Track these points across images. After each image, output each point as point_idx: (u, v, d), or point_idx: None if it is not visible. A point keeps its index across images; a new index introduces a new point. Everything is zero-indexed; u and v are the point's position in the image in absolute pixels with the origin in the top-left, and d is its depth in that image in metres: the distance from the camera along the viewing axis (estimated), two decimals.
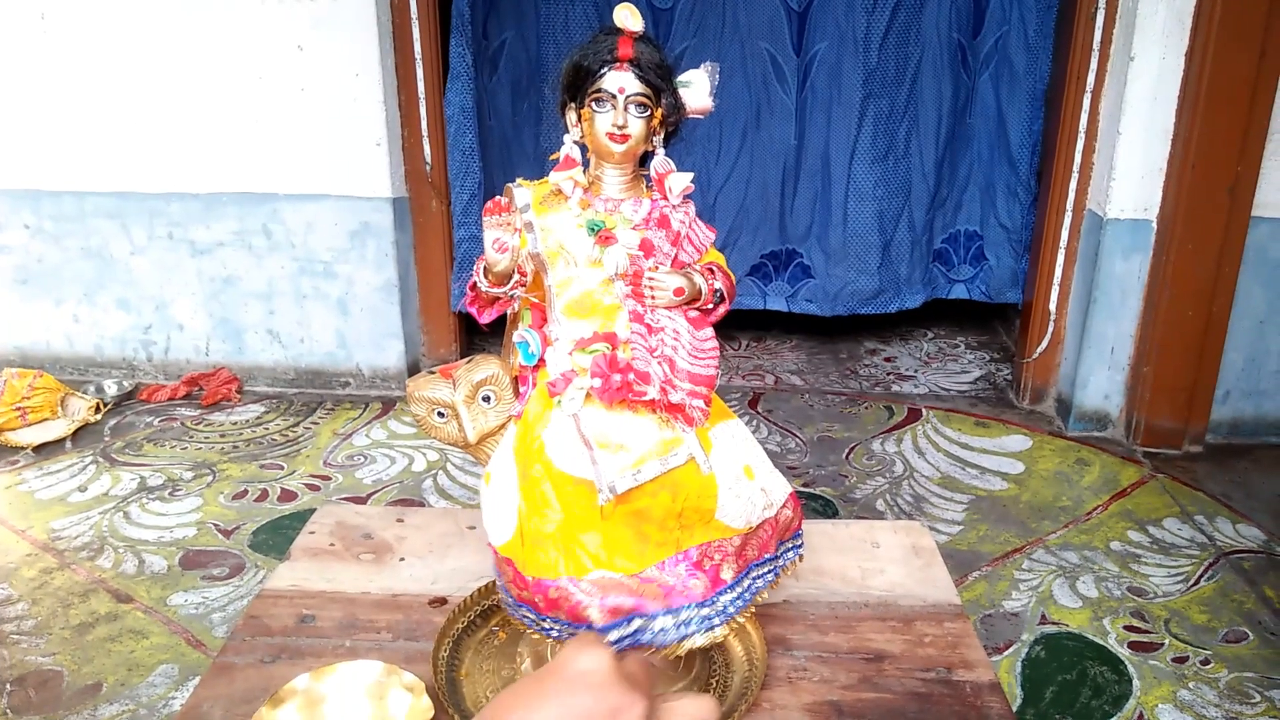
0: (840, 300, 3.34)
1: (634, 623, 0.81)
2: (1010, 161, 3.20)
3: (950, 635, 1.02)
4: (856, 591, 1.10)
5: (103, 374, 3.18)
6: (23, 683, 1.77)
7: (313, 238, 2.97)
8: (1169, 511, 2.42)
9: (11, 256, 3.10)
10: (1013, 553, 2.23)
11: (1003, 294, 3.33)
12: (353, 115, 2.84)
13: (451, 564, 1.17)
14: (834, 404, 3.05)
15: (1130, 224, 2.67)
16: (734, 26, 3.16)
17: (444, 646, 0.99)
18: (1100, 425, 2.85)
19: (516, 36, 3.16)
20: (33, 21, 2.85)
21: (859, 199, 3.23)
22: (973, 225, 3.39)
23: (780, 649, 0.99)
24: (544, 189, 0.86)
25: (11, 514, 2.36)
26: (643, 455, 0.82)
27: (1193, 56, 2.49)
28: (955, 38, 3.14)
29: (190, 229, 3.01)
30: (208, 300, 3.08)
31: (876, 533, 1.22)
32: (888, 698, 0.93)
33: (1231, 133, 2.50)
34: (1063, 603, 2.04)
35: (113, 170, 2.97)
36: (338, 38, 2.77)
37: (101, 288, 3.11)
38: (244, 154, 2.91)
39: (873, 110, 3.16)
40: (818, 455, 2.69)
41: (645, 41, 0.82)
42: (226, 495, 2.44)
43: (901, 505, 2.43)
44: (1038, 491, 2.51)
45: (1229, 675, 1.83)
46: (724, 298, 0.87)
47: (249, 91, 2.84)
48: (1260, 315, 2.72)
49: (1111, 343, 2.78)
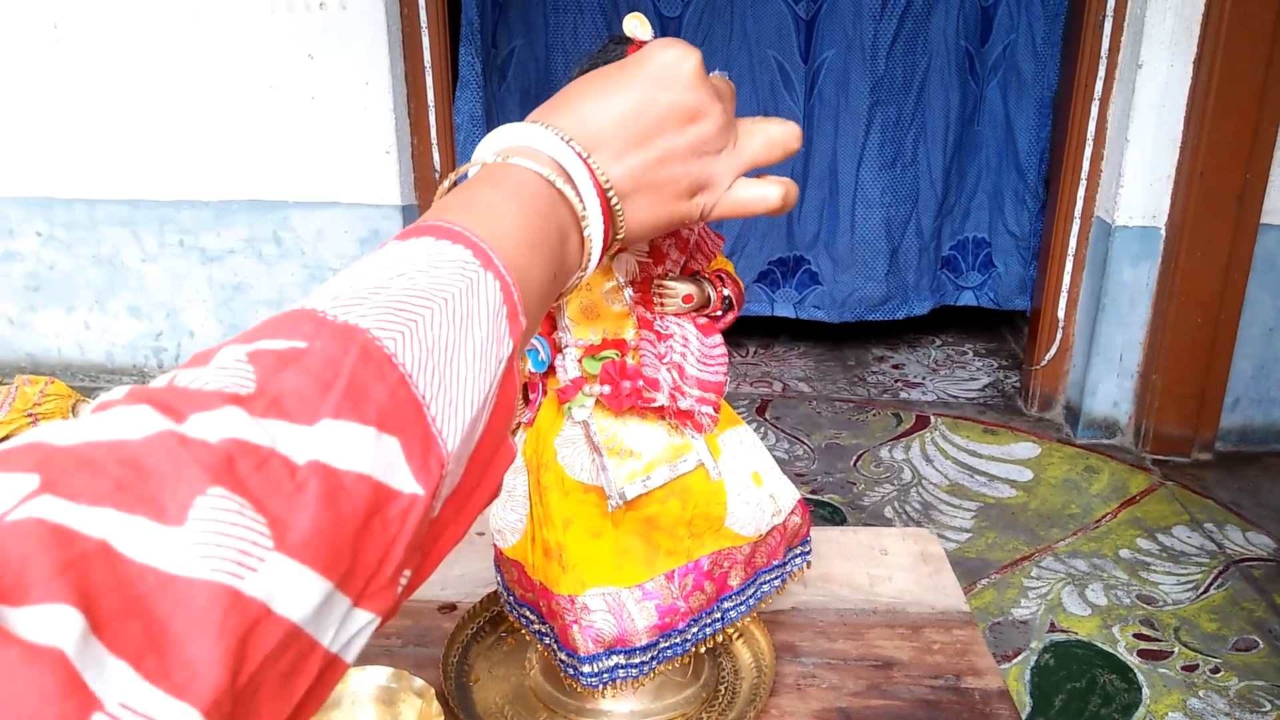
0: (848, 307, 3.34)
1: (612, 659, 0.81)
2: (1018, 169, 3.20)
3: (959, 642, 1.02)
4: (865, 598, 1.10)
5: (114, 381, 3.20)
6: None
7: (323, 245, 2.99)
8: (1178, 519, 2.41)
9: (23, 263, 3.12)
10: (1021, 560, 2.22)
11: (1011, 301, 3.33)
12: (363, 123, 2.85)
13: (460, 570, 1.17)
14: (842, 411, 3.05)
15: (1139, 231, 2.67)
16: (741, 34, 3.17)
17: (454, 652, 0.99)
18: (1109, 433, 2.85)
19: (525, 45, 3.17)
20: (45, 30, 2.88)
21: (866, 206, 3.24)
22: (981, 232, 3.39)
23: (788, 656, 0.99)
24: None
25: None
26: (652, 462, 0.82)
27: (1201, 64, 2.49)
28: (963, 45, 3.15)
29: (201, 236, 3.02)
30: (218, 307, 3.10)
31: (885, 540, 1.22)
32: (896, 705, 0.93)
33: (1240, 140, 2.50)
34: (1072, 610, 2.03)
35: (124, 178, 2.99)
36: (348, 46, 2.79)
37: (113, 295, 3.12)
38: (254, 162, 2.93)
39: (880, 118, 3.16)
40: (826, 462, 2.69)
41: None
42: None
43: (910, 512, 2.43)
44: (1046, 499, 2.50)
45: (1239, 684, 1.82)
46: (733, 305, 0.87)
47: (259, 100, 2.86)
48: (1269, 322, 2.72)
49: (1120, 350, 2.78)
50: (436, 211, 0.42)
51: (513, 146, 0.46)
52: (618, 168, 0.48)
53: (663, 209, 0.50)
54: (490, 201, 0.43)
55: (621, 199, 0.48)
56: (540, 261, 0.43)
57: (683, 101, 0.49)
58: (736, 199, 0.53)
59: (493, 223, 0.41)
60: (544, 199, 0.44)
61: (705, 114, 0.49)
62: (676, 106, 0.49)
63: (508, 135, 0.47)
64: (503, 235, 0.41)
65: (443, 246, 0.38)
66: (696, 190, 0.51)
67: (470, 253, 0.38)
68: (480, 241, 0.39)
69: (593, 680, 0.81)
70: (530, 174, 0.45)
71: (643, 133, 0.48)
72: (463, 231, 0.39)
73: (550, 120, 0.47)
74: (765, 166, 0.55)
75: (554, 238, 0.44)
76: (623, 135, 0.48)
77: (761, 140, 0.53)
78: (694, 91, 0.49)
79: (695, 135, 0.49)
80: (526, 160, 0.45)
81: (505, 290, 0.39)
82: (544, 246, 0.43)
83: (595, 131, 0.47)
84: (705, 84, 0.49)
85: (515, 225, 0.42)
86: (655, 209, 0.50)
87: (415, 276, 0.36)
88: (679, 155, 0.49)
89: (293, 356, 0.31)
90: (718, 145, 0.51)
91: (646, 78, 0.49)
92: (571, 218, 0.46)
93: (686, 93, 0.49)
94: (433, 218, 0.41)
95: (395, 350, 0.33)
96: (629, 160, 0.48)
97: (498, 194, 0.43)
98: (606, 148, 0.48)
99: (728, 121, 0.51)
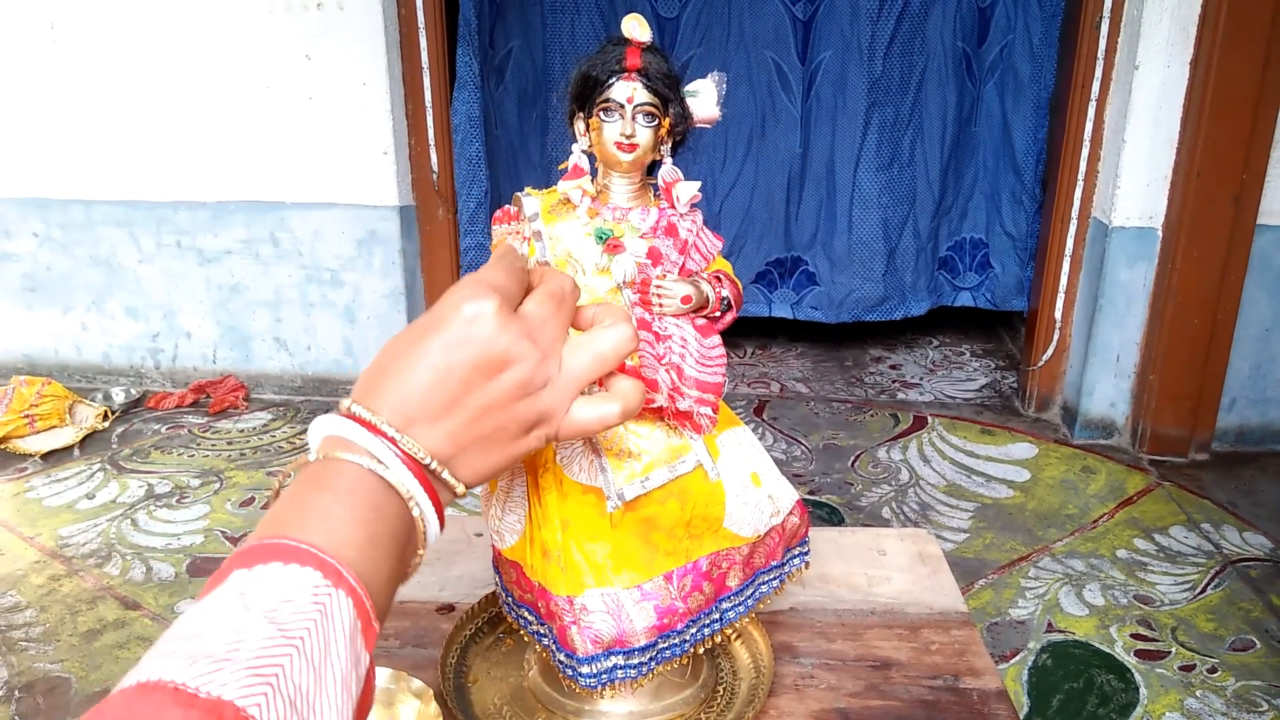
0: (845, 307, 3.34)
1: (611, 659, 0.81)
2: (1015, 169, 3.21)
3: (957, 643, 1.02)
4: (863, 599, 1.10)
5: (110, 381, 3.19)
6: (31, 689, 1.78)
7: (320, 246, 2.99)
8: (1175, 519, 2.41)
9: (20, 264, 3.11)
10: (1019, 560, 2.22)
11: (1008, 301, 3.33)
12: (360, 124, 2.85)
13: (458, 571, 1.17)
14: (839, 411, 3.06)
15: (1135, 232, 2.67)
16: (739, 35, 3.18)
17: (452, 653, 0.99)
18: (1106, 433, 2.85)
19: (523, 46, 3.17)
20: (42, 31, 2.87)
21: (864, 206, 3.24)
22: (978, 233, 3.39)
23: (787, 656, 0.99)
24: (552, 198, 0.87)
25: (20, 521, 2.37)
26: (651, 463, 0.82)
27: (1197, 65, 2.50)
28: (960, 46, 3.15)
29: (198, 237, 3.02)
30: (215, 308, 3.09)
31: (883, 540, 1.22)
32: (894, 705, 0.93)
33: (1236, 141, 2.50)
34: (1069, 611, 2.04)
35: (121, 179, 2.99)
36: (345, 47, 2.79)
37: (110, 296, 3.12)
38: (252, 163, 2.92)
39: (877, 118, 3.16)
40: (823, 463, 2.69)
41: (653, 52, 0.83)
42: (234, 502, 2.45)
43: (907, 513, 2.43)
44: (1044, 499, 2.51)
45: (1236, 683, 1.82)
46: (731, 305, 0.87)
47: (257, 101, 2.86)
48: (1266, 323, 2.72)
49: (1117, 350, 2.78)
50: (273, 525, 0.42)
51: (330, 439, 0.46)
52: (434, 434, 0.47)
53: (499, 454, 0.50)
54: (327, 509, 0.43)
55: (446, 462, 0.47)
56: (384, 557, 0.44)
57: (486, 354, 0.47)
58: (575, 423, 0.52)
59: (332, 531, 0.42)
60: (375, 491, 0.45)
61: (516, 358, 0.48)
62: (480, 363, 0.47)
63: (325, 427, 0.47)
64: (343, 542, 0.41)
65: (291, 571, 0.39)
66: (531, 427, 0.50)
67: (320, 574, 0.39)
68: (326, 556, 0.40)
69: (591, 681, 0.81)
70: (355, 468, 0.45)
71: (453, 396, 0.47)
72: (308, 549, 0.40)
73: (367, 399, 0.47)
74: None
75: (393, 525, 0.45)
76: (434, 402, 0.47)
77: (589, 357, 0.51)
78: (497, 340, 0.47)
79: (509, 382, 0.48)
80: (347, 454, 0.45)
81: (358, 604, 0.40)
82: (384, 539, 0.44)
83: (408, 403, 0.47)
84: (509, 327, 0.48)
85: (353, 528, 0.43)
86: (490, 457, 0.49)
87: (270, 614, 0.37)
88: (498, 405, 0.48)
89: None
90: (538, 382, 0.49)
91: (445, 341, 0.47)
92: (402, 501, 0.46)
93: (488, 346, 0.47)
94: (272, 534, 0.41)
95: (261, 718, 0.34)
96: (446, 424, 0.47)
97: (332, 497, 0.43)
98: (421, 417, 0.47)
99: (545, 354, 0.49)
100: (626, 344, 0.53)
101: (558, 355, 0.51)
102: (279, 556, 0.40)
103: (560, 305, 0.52)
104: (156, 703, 0.33)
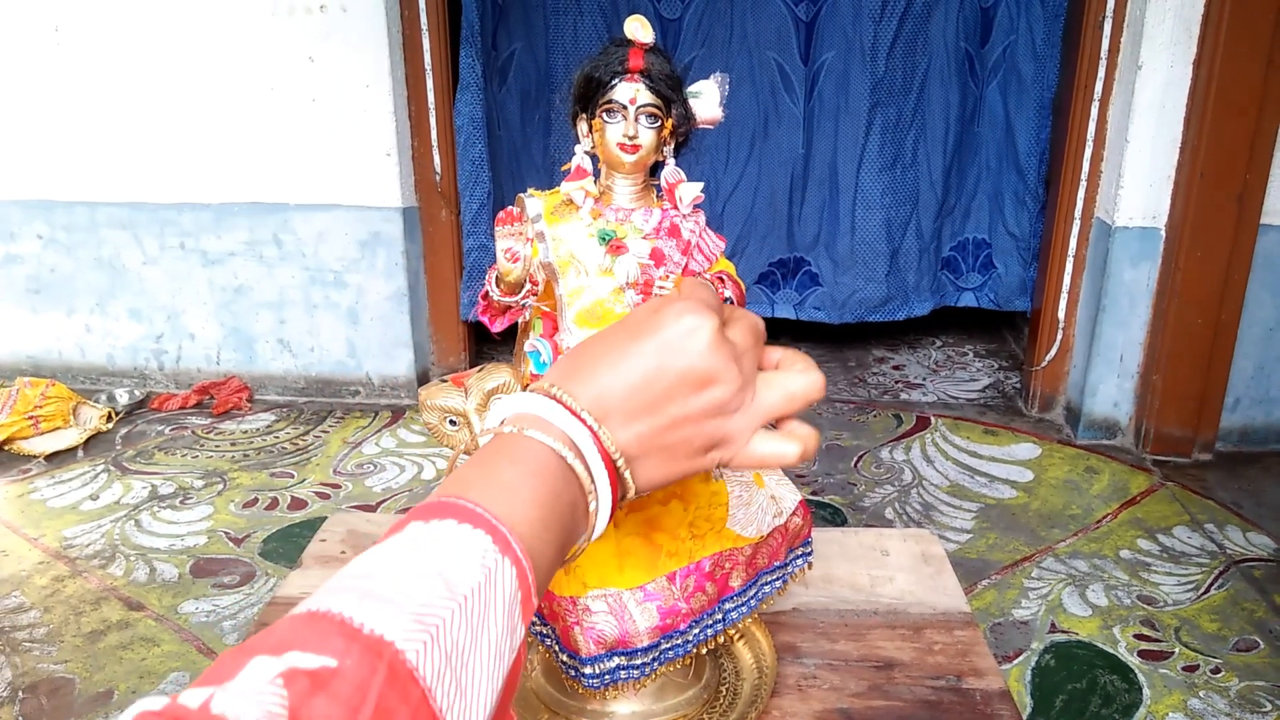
0: (848, 308, 3.34)
1: (614, 660, 0.81)
2: (1018, 170, 3.20)
3: (960, 643, 1.02)
4: (866, 599, 1.10)
5: (114, 383, 3.20)
6: (35, 690, 1.78)
7: (323, 247, 2.99)
8: (1179, 520, 2.41)
9: (24, 266, 3.12)
10: (1022, 561, 2.22)
11: (1011, 302, 3.33)
12: (363, 126, 2.85)
13: None
14: (842, 412, 3.06)
15: (1139, 232, 2.67)
16: (742, 36, 3.18)
17: None
18: (1109, 433, 2.85)
19: (526, 47, 3.18)
20: (46, 33, 2.88)
21: (866, 207, 3.24)
22: (981, 233, 3.39)
23: (790, 657, 1.00)
24: (555, 199, 0.87)
25: (24, 522, 2.37)
26: None
27: (1200, 65, 2.50)
28: (963, 47, 3.15)
29: (201, 239, 3.03)
30: (219, 310, 3.10)
31: (886, 541, 1.22)
32: (898, 705, 0.93)
33: (1240, 140, 2.50)
34: (1072, 611, 2.03)
35: (124, 181, 3.00)
36: (348, 49, 2.79)
37: (113, 297, 3.13)
38: (255, 164, 2.93)
39: (880, 119, 3.16)
40: (826, 463, 2.69)
41: (656, 53, 0.83)
42: (237, 503, 2.45)
43: (910, 513, 2.43)
44: (1047, 500, 2.51)
45: (1240, 684, 1.82)
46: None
47: (260, 102, 2.86)
48: (1269, 322, 2.72)
49: (1120, 350, 2.78)
50: (458, 485, 0.44)
51: (526, 415, 0.48)
52: (627, 433, 0.49)
53: (675, 467, 0.51)
54: (510, 481, 0.45)
55: (630, 462, 0.49)
56: (553, 541, 0.45)
57: (695, 369, 0.49)
58: (753, 454, 0.53)
59: (512, 505, 0.43)
60: (558, 475, 0.46)
61: (719, 379, 0.50)
62: (688, 375, 0.49)
63: (523, 404, 0.48)
64: (520, 518, 0.43)
65: (464, 531, 0.41)
66: (711, 447, 0.52)
67: (490, 539, 0.41)
68: (500, 525, 0.42)
69: (594, 681, 0.81)
70: (544, 448, 0.46)
71: (654, 400, 0.49)
72: (484, 514, 0.42)
73: (566, 384, 0.49)
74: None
75: (566, 514, 0.46)
76: (634, 401, 0.49)
77: (780, 395, 0.53)
78: (708, 358, 0.49)
79: (709, 400, 0.50)
80: (540, 434, 0.47)
81: (521, 576, 0.41)
82: (556, 525, 0.45)
83: (607, 397, 0.49)
84: (721, 348, 0.50)
85: (530, 507, 0.44)
86: (667, 467, 0.51)
87: (440, 570, 0.39)
88: (692, 419, 0.50)
89: (324, 678, 0.33)
90: (733, 406, 0.51)
91: (660, 346, 0.49)
92: (580, 490, 0.47)
93: (700, 360, 0.49)
94: (455, 494, 0.43)
95: (417, 664, 0.35)
96: (638, 426, 0.49)
97: (517, 472, 0.45)
98: (617, 414, 0.49)
99: (744, 381, 0.51)
100: (818, 391, 0.55)
101: (753, 386, 0.53)
102: (456, 515, 0.41)
103: (758, 341, 0.54)
104: (323, 630, 0.35)
